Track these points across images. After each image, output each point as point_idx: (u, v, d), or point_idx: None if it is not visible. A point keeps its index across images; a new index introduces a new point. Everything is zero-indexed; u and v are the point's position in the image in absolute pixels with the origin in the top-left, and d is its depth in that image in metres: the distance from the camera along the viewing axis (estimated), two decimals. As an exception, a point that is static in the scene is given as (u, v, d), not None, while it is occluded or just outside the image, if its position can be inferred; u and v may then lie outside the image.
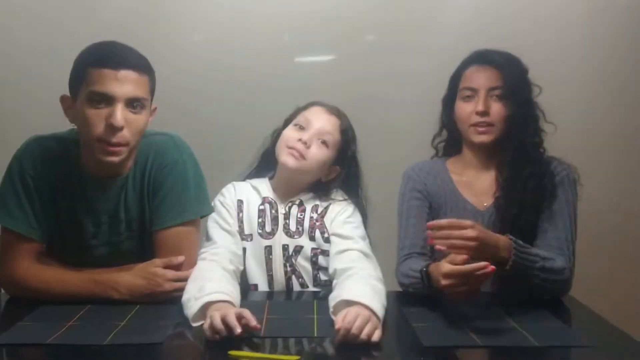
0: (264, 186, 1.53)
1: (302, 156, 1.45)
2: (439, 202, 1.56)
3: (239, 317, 1.12)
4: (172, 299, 1.34)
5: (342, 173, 1.53)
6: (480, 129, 1.49)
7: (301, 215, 1.50)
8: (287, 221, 1.49)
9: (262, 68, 2.35)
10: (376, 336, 1.12)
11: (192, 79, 2.32)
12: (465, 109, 1.52)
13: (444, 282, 1.25)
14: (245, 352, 1.08)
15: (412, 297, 1.42)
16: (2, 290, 1.41)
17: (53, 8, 2.33)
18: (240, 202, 1.51)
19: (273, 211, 1.50)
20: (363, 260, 1.39)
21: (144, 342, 1.12)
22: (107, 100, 1.27)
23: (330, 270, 1.43)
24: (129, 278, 1.35)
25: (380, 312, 1.20)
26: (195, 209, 1.43)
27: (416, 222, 1.54)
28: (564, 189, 1.49)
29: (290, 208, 1.50)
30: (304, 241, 1.48)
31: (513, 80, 1.48)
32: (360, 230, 1.49)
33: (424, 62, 2.36)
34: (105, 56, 1.28)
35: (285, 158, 1.46)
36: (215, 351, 1.11)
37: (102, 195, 1.40)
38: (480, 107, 1.48)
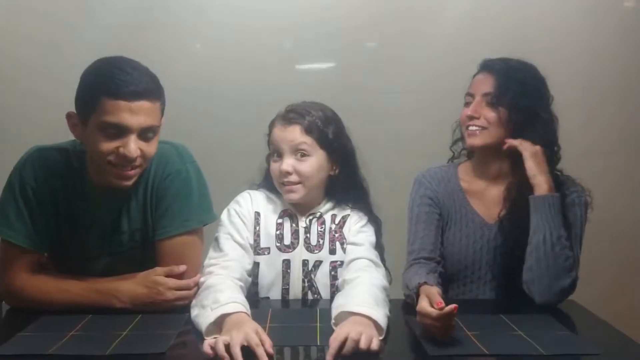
0: (283, 198, 1.50)
1: (298, 183, 1.44)
2: (449, 212, 1.56)
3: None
4: (174, 308, 1.33)
5: (334, 162, 1.48)
6: (470, 132, 1.51)
7: (321, 228, 1.49)
8: (308, 235, 1.48)
9: (264, 75, 2.37)
10: (374, 345, 1.11)
11: (194, 87, 2.33)
12: (463, 114, 1.54)
13: (417, 318, 1.21)
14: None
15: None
16: (3, 302, 1.40)
17: (54, 19, 2.34)
18: (257, 214, 1.49)
19: (293, 225, 1.49)
20: (370, 269, 1.39)
21: (146, 352, 1.11)
22: (121, 130, 1.26)
23: (340, 281, 1.43)
24: (130, 286, 1.34)
25: (382, 321, 1.19)
26: (199, 217, 1.42)
27: (425, 227, 1.54)
28: (574, 212, 1.47)
29: (310, 221, 1.49)
30: (324, 255, 1.47)
31: (506, 85, 1.48)
32: (372, 239, 1.49)
33: (424, 70, 2.38)
34: (118, 86, 1.24)
35: (286, 196, 1.47)
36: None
37: (105, 206, 1.39)
38: (468, 112, 1.50)
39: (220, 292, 1.25)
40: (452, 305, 1.13)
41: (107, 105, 1.24)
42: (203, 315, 1.21)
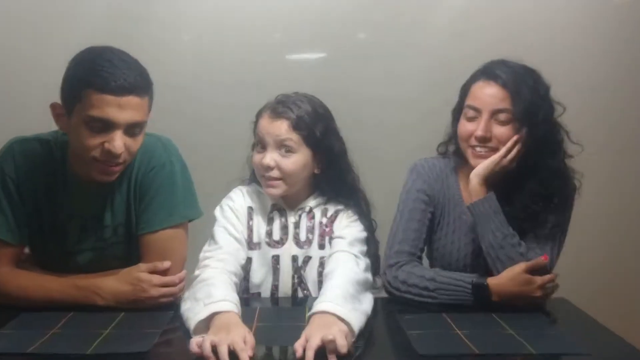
0: None
1: (279, 179, 1.41)
2: (442, 211, 1.50)
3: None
4: (158, 306, 1.30)
5: (319, 162, 1.45)
6: (479, 153, 1.40)
7: (310, 222, 1.46)
8: (297, 230, 1.46)
9: (253, 66, 2.33)
10: (340, 341, 1.05)
11: (181, 77, 2.28)
12: (467, 128, 1.41)
13: (539, 293, 1.32)
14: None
15: (405, 304, 1.39)
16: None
17: (41, 7, 2.29)
18: (250, 209, 1.47)
19: (282, 219, 1.46)
20: (349, 263, 1.34)
21: (129, 352, 1.09)
22: (107, 125, 1.22)
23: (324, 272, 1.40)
24: (113, 283, 1.31)
25: (348, 316, 1.14)
26: (183, 212, 1.39)
27: (418, 227, 1.48)
28: (561, 203, 1.43)
29: (300, 216, 1.46)
30: (313, 251, 1.45)
31: (522, 101, 1.35)
32: (360, 235, 1.44)
33: (415, 59, 2.36)
34: (106, 80, 1.19)
35: (267, 190, 1.44)
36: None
37: (87, 200, 1.36)
38: (479, 132, 1.38)
39: (214, 287, 1.22)
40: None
41: (93, 98, 1.20)
42: (194, 309, 1.18)
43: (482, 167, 1.40)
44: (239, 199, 1.47)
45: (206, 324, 1.14)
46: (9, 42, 2.30)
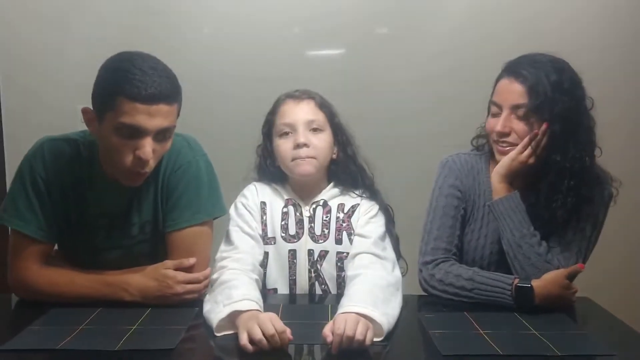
0: (287, 187, 1.51)
1: (312, 157, 1.43)
2: (472, 207, 1.50)
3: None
4: (184, 302, 1.32)
5: (338, 144, 1.49)
6: (501, 148, 1.42)
7: (327, 217, 1.47)
8: (312, 225, 1.46)
9: (273, 62, 2.34)
10: (368, 338, 1.09)
11: (200, 78, 2.30)
12: (491, 125, 1.43)
13: (574, 298, 1.35)
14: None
15: (444, 303, 1.39)
16: (12, 294, 1.40)
17: (62, 6, 2.32)
18: (263, 204, 1.48)
19: (297, 214, 1.47)
20: (374, 266, 1.35)
21: (156, 348, 1.11)
22: (137, 132, 1.23)
23: (345, 275, 1.41)
24: (140, 279, 1.33)
25: (380, 319, 1.15)
26: (209, 210, 1.40)
27: (453, 223, 1.48)
28: (591, 208, 1.41)
29: (315, 210, 1.47)
30: (330, 245, 1.45)
31: (540, 94, 1.35)
32: (381, 230, 1.45)
33: (434, 49, 2.34)
34: (137, 88, 1.20)
35: (299, 170, 1.44)
36: (229, 356, 1.09)
37: (115, 198, 1.38)
38: (498, 127, 1.40)
39: (234, 289, 1.23)
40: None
41: (124, 106, 1.21)
42: (215, 310, 1.20)
43: (500, 165, 1.41)
44: (251, 195, 1.49)
45: (229, 324, 1.16)
46: (33, 37, 2.34)
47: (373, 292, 1.23)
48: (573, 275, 1.33)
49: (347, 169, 1.50)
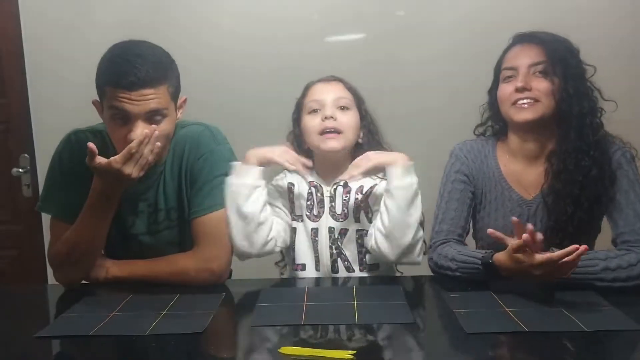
0: (313, 172, 1.54)
1: (338, 131, 1.45)
2: (484, 189, 1.51)
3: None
4: (210, 288, 1.36)
5: (364, 128, 1.52)
6: (522, 105, 1.41)
7: (346, 197, 1.50)
8: (333, 204, 1.50)
9: (292, 49, 2.33)
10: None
11: (220, 63, 2.32)
12: (506, 90, 1.44)
13: (536, 272, 1.22)
14: (297, 349, 1.04)
15: (450, 280, 1.40)
16: (48, 282, 1.44)
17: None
18: (291, 184, 1.53)
19: (319, 194, 1.51)
20: None
21: (185, 332, 1.13)
22: (126, 116, 1.30)
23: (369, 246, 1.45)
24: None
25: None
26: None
27: (457, 206, 1.50)
28: (623, 172, 1.40)
29: (335, 190, 1.50)
30: (350, 224, 1.49)
31: (558, 53, 1.40)
32: None
33: (453, 38, 2.31)
34: (118, 75, 1.28)
35: (326, 145, 1.46)
36: (255, 340, 1.12)
37: (139, 185, 1.41)
38: (519, 83, 1.40)
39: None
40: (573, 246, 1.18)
41: (109, 92, 1.30)
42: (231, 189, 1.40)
43: (510, 268, 1.29)
44: (281, 179, 1.55)
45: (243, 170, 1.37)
46: (51, 41, 2.38)
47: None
48: (518, 248, 1.23)
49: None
